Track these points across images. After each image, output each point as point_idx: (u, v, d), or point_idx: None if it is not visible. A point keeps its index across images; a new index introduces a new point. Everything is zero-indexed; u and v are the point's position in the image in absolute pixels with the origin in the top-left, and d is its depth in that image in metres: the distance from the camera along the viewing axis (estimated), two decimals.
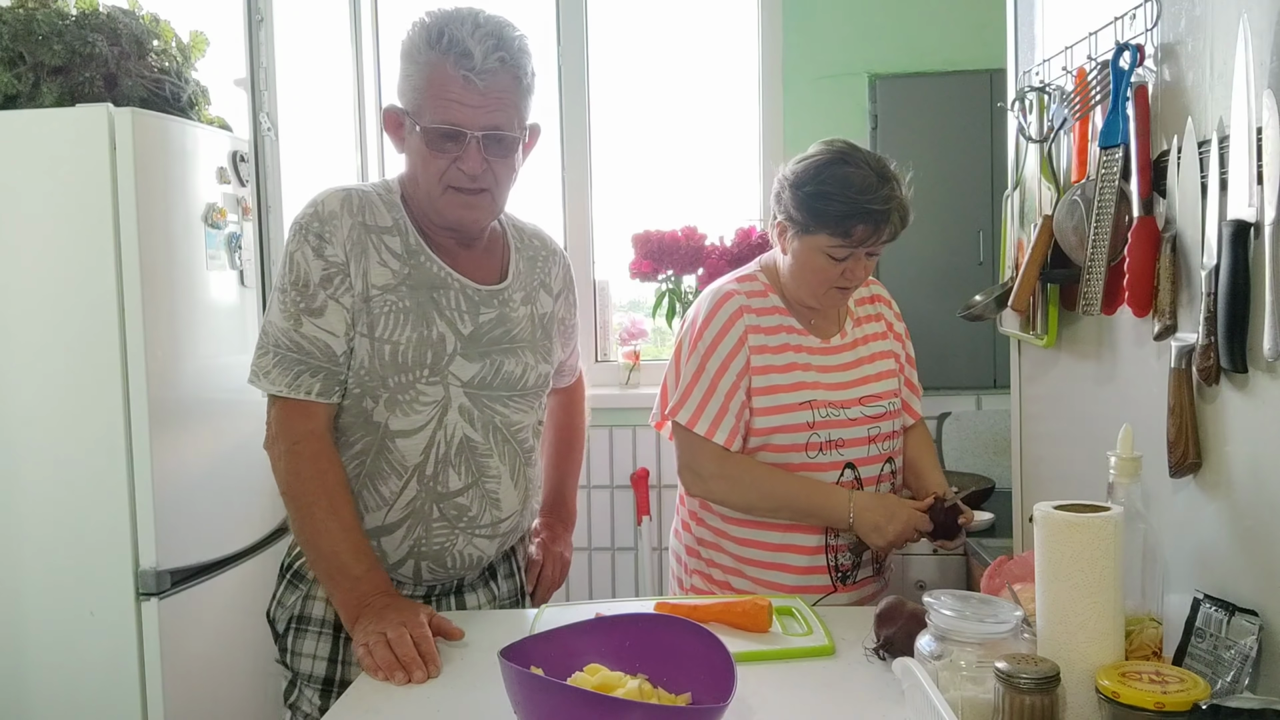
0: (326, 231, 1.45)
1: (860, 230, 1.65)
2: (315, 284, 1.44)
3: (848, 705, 1.21)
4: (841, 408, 1.75)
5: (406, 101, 1.46)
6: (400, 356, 1.46)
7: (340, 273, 1.44)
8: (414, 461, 1.48)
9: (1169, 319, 1.24)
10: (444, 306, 1.50)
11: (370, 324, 1.45)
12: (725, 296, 1.76)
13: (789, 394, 1.73)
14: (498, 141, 1.43)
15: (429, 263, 1.50)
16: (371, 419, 1.47)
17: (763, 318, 1.76)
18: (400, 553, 1.52)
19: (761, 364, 1.73)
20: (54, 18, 2.32)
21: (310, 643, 1.52)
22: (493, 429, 1.53)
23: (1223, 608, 1.11)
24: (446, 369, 1.48)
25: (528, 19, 3.05)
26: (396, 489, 1.49)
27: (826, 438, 1.73)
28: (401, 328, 1.46)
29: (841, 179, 1.65)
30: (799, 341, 1.77)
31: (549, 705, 1.07)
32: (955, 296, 2.12)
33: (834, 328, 1.82)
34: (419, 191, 1.49)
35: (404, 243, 1.49)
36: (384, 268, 1.47)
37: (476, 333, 1.52)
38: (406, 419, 1.47)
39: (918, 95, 2.86)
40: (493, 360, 1.53)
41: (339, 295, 1.44)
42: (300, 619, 1.53)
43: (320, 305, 1.44)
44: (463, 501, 1.51)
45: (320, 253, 1.44)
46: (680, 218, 2.85)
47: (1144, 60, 1.34)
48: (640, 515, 2.89)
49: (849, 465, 1.75)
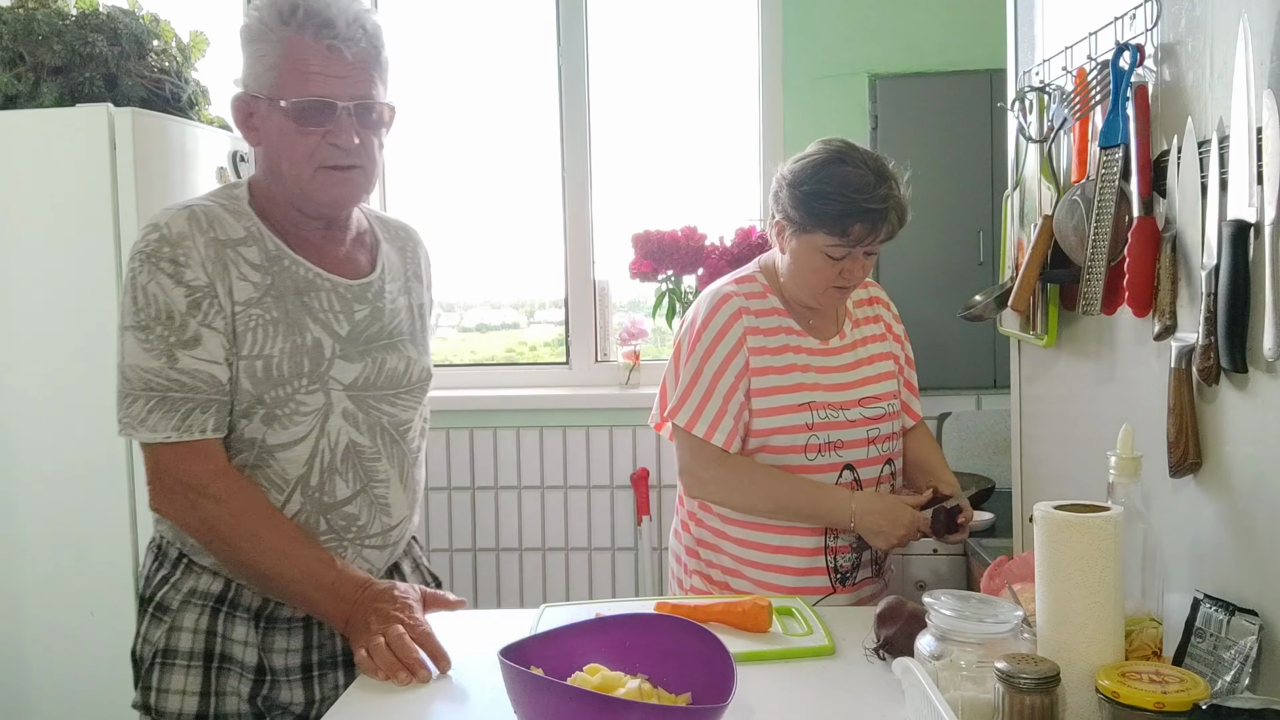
0: (180, 255, 1.32)
1: (857, 229, 1.65)
2: (183, 313, 1.32)
3: (848, 705, 1.21)
4: (841, 409, 1.75)
5: (260, 85, 1.36)
6: (275, 370, 1.36)
7: (207, 295, 1.33)
8: (296, 474, 1.39)
9: (1169, 319, 1.24)
10: (316, 309, 1.41)
11: (235, 344, 1.35)
12: (724, 298, 1.75)
13: (788, 395, 1.73)
14: (368, 112, 1.37)
15: (294, 266, 1.41)
16: (245, 436, 1.37)
17: (761, 319, 1.76)
18: None
19: (761, 365, 1.73)
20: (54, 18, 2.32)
21: (179, 678, 1.39)
22: (380, 431, 1.45)
23: (1223, 608, 1.11)
24: (327, 375, 1.40)
25: (528, 19, 3.06)
26: (278, 504, 1.39)
27: (825, 439, 1.73)
28: (272, 340, 1.37)
29: (839, 178, 1.65)
30: (798, 343, 1.77)
31: (549, 705, 1.07)
32: (955, 296, 2.12)
33: (833, 329, 1.82)
34: (284, 181, 1.38)
35: (261, 251, 1.39)
36: (245, 282, 1.36)
37: (354, 332, 1.44)
38: (285, 432, 1.37)
39: (918, 95, 2.86)
40: (374, 359, 1.45)
41: (211, 320, 1.33)
42: (167, 652, 1.40)
43: (194, 335, 1.32)
44: (351, 510, 1.43)
45: (179, 279, 1.32)
46: (680, 218, 2.85)
47: (1144, 60, 1.34)
48: (640, 515, 2.89)
49: (848, 466, 1.75)
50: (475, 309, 3.33)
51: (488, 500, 2.95)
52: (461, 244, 3.18)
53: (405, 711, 1.24)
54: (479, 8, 3.14)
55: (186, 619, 1.40)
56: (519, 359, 3.25)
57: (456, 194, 3.16)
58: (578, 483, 2.93)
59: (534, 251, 3.15)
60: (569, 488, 2.93)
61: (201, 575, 1.42)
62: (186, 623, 1.40)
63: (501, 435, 2.93)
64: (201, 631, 1.40)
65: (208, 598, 1.41)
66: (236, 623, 1.41)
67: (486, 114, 3.13)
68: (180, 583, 1.42)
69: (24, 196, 2.24)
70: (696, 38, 3.08)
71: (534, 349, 3.27)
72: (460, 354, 3.26)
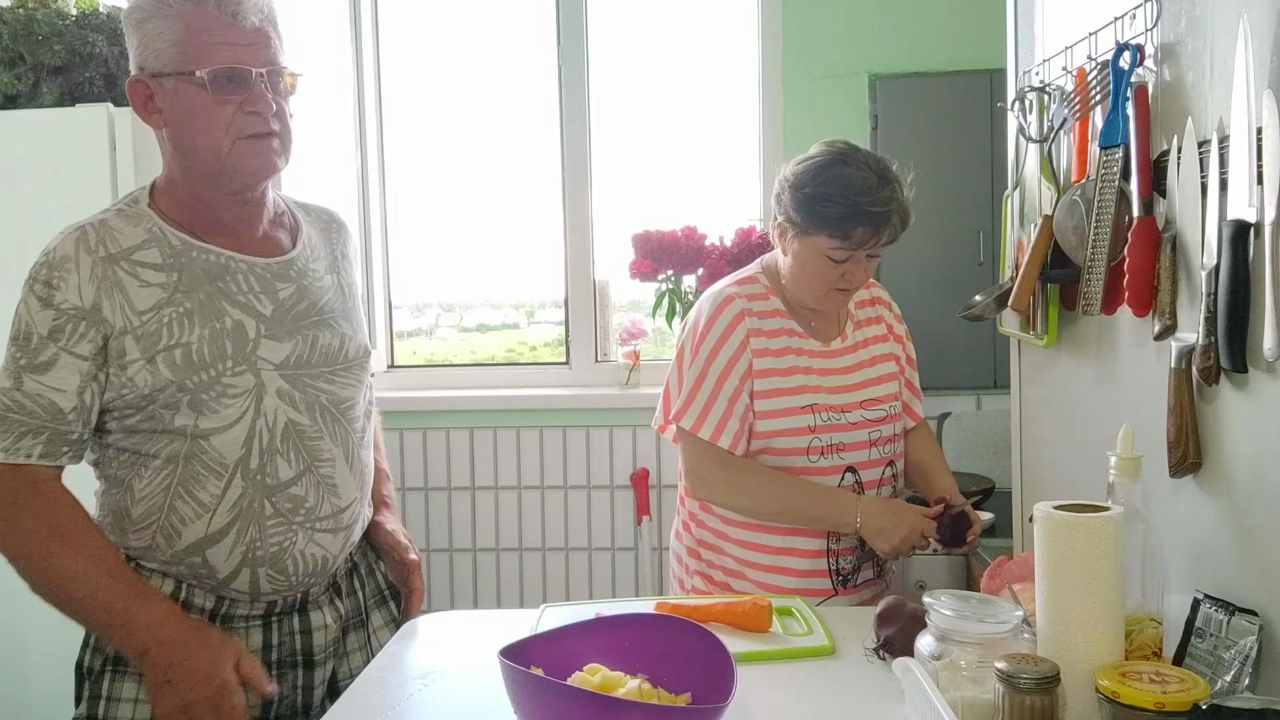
0: (56, 278, 1.31)
1: (859, 232, 1.65)
2: (42, 336, 1.31)
3: (848, 705, 1.21)
4: (842, 411, 1.75)
5: (162, 63, 1.33)
6: (195, 356, 1.34)
7: (75, 319, 1.31)
8: (234, 457, 1.36)
9: (1169, 319, 1.24)
10: (233, 293, 1.39)
11: (147, 345, 1.33)
12: (727, 300, 1.75)
13: (791, 397, 1.73)
14: (279, 78, 1.37)
15: (202, 255, 1.39)
16: (173, 425, 1.34)
17: (764, 320, 1.75)
18: (232, 563, 1.37)
19: (764, 367, 1.73)
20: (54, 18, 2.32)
21: (131, 686, 1.35)
22: (319, 409, 1.43)
23: (1223, 608, 1.11)
24: (254, 355, 1.38)
25: (528, 19, 3.06)
26: (218, 491, 1.36)
27: (828, 441, 1.73)
28: (188, 329, 1.35)
29: (841, 180, 1.65)
30: (800, 344, 1.77)
31: (549, 705, 1.07)
32: (955, 296, 2.12)
33: (835, 330, 1.82)
34: (199, 159, 1.36)
35: (163, 250, 1.37)
36: (148, 288, 1.35)
37: (279, 311, 1.42)
38: (216, 415, 1.35)
39: (918, 95, 2.86)
40: (305, 336, 1.43)
41: (73, 345, 1.31)
42: (119, 659, 1.36)
43: (47, 360, 1.31)
44: (297, 492, 1.40)
45: (49, 302, 1.31)
46: (680, 218, 2.85)
47: (1144, 60, 1.34)
48: (640, 515, 2.89)
49: (850, 469, 1.75)
50: (475, 309, 3.33)
51: (488, 500, 2.95)
52: (461, 244, 3.18)
53: (406, 712, 1.24)
54: (479, 8, 3.13)
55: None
56: (519, 359, 3.25)
57: (456, 194, 3.16)
58: (578, 483, 2.93)
59: (534, 251, 3.15)
60: (569, 488, 2.93)
61: (150, 578, 1.37)
62: None
63: (501, 435, 2.93)
64: None
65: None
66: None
67: (487, 114, 3.13)
68: None
69: (24, 196, 2.23)
70: (696, 38, 3.08)
71: (534, 349, 3.27)
72: (460, 354, 3.26)
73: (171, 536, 1.36)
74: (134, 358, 1.33)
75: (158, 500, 1.36)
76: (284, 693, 1.43)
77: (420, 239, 3.18)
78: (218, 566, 1.37)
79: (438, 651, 1.44)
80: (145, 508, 1.36)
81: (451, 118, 3.14)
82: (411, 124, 3.14)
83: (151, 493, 1.36)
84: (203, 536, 1.36)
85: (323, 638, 1.46)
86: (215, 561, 1.37)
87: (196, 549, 1.36)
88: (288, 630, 1.44)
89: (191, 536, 1.36)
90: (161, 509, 1.36)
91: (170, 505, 1.36)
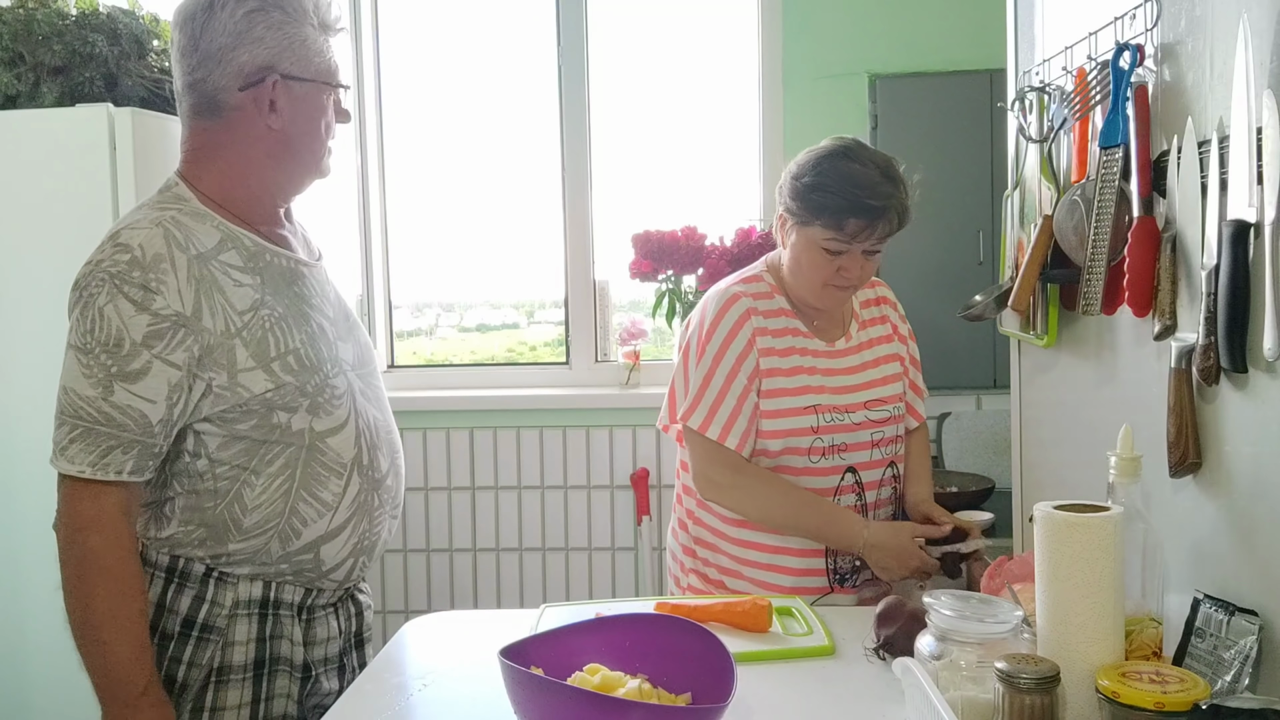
0: (153, 280, 1.24)
1: (853, 224, 1.64)
2: (135, 343, 1.24)
3: (848, 705, 1.21)
4: (846, 412, 1.74)
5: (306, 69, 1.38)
6: (306, 360, 1.36)
7: (176, 326, 1.25)
8: (350, 455, 1.40)
9: (1169, 319, 1.24)
10: (306, 296, 1.42)
11: (258, 351, 1.31)
12: (732, 299, 1.74)
13: (794, 398, 1.72)
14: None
15: (274, 259, 1.39)
16: (291, 429, 1.34)
17: (770, 320, 1.75)
18: (341, 556, 1.42)
19: (769, 367, 1.72)
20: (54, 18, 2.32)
21: (234, 693, 1.36)
22: (383, 405, 1.51)
23: (1223, 608, 1.11)
24: (339, 357, 1.43)
25: (528, 19, 3.06)
26: (339, 490, 1.39)
27: (830, 442, 1.73)
28: (289, 335, 1.35)
29: (840, 172, 1.65)
30: (804, 344, 1.76)
31: (549, 705, 1.07)
32: (955, 296, 2.12)
33: (839, 330, 1.82)
34: (305, 162, 1.42)
35: (240, 252, 1.35)
36: (241, 288, 1.32)
37: (335, 314, 1.47)
38: (330, 417, 1.38)
39: (918, 95, 2.86)
40: (356, 339, 1.50)
41: (168, 353, 1.25)
42: (221, 670, 1.36)
43: (140, 368, 1.23)
44: (391, 483, 1.49)
45: (145, 306, 1.24)
46: (680, 218, 2.85)
47: (1144, 60, 1.34)
48: (640, 515, 2.89)
49: (850, 469, 1.75)
50: (475, 309, 3.33)
51: (488, 500, 2.95)
52: (461, 244, 3.18)
53: (406, 712, 1.24)
54: (479, 8, 3.13)
55: (239, 632, 1.36)
56: (519, 359, 3.25)
57: (456, 194, 3.16)
58: (578, 483, 2.93)
59: (534, 251, 3.15)
60: (569, 488, 2.93)
61: (239, 584, 1.36)
62: (239, 635, 1.36)
63: (501, 435, 2.93)
64: (253, 640, 1.37)
65: (251, 605, 1.37)
66: (283, 622, 1.40)
67: (487, 114, 3.13)
68: (219, 597, 1.35)
69: (24, 196, 2.24)
70: (696, 38, 3.08)
71: (534, 349, 3.27)
72: (460, 354, 3.26)
73: (289, 538, 1.37)
74: (247, 365, 1.30)
75: (277, 506, 1.36)
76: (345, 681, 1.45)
77: (420, 239, 3.18)
78: (326, 560, 1.41)
79: (438, 651, 1.44)
80: (262, 515, 1.35)
81: (451, 118, 3.14)
82: (411, 124, 3.14)
83: (269, 499, 1.35)
84: (322, 534, 1.39)
85: (368, 616, 1.54)
86: (326, 556, 1.41)
87: (312, 547, 1.39)
88: (348, 614, 1.50)
89: (310, 536, 1.39)
90: (282, 514, 1.36)
91: (292, 508, 1.37)
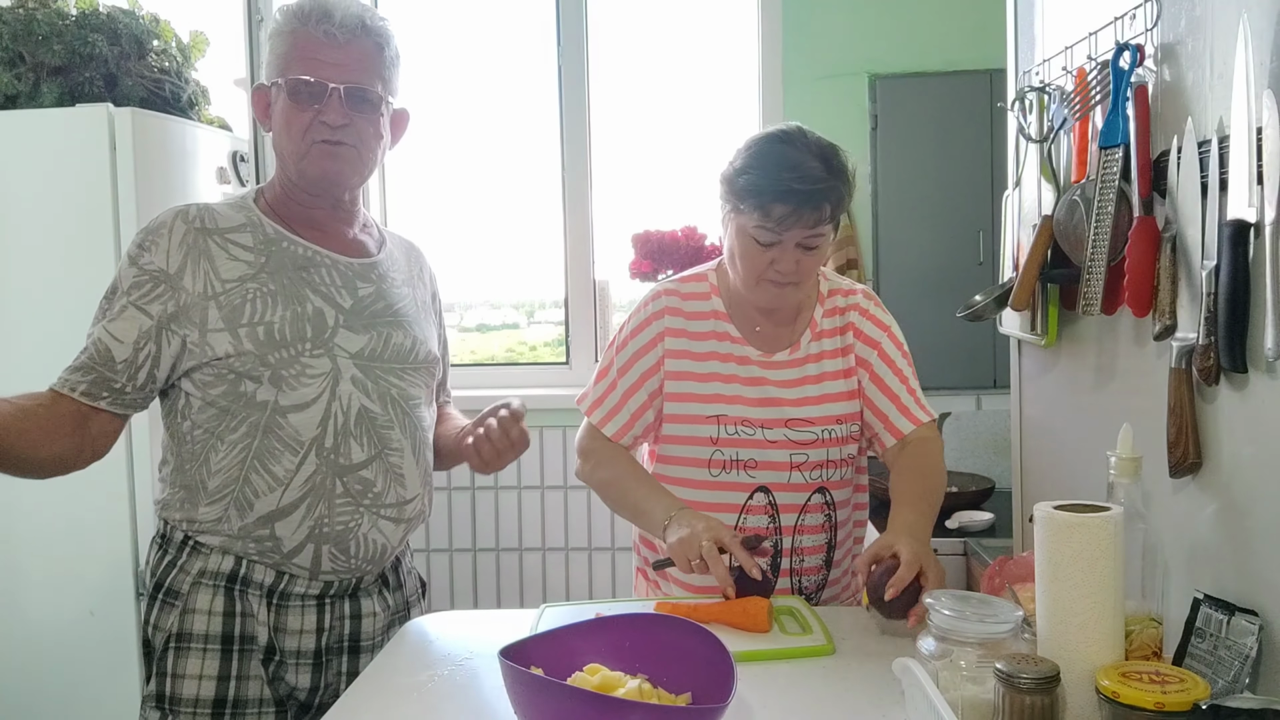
0: (148, 242, 1.44)
1: (778, 210, 1.52)
2: (122, 291, 1.42)
3: (848, 705, 1.21)
4: (761, 427, 1.62)
5: (270, 73, 1.48)
6: (277, 334, 1.42)
7: (155, 280, 1.41)
8: (310, 435, 1.42)
9: (1169, 319, 1.24)
10: (317, 283, 1.48)
11: (230, 315, 1.41)
12: (654, 296, 1.72)
13: (700, 405, 1.65)
14: (360, 97, 1.46)
15: (292, 246, 1.49)
16: (255, 399, 1.41)
17: (693, 322, 1.68)
18: (299, 537, 1.43)
19: (679, 369, 1.66)
20: (54, 18, 2.32)
21: (195, 662, 1.41)
22: (390, 400, 1.50)
23: (1223, 608, 1.11)
24: (331, 341, 1.46)
25: (528, 19, 3.06)
26: (292, 466, 1.42)
27: (733, 456, 1.63)
28: (272, 309, 1.43)
29: (771, 156, 1.55)
30: (730, 350, 1.67)
31: (549, 705, 1.07)
32: (955, 296, 2.12)
33: (787, 340, 1.68)
34: (285, 160, 1.49)
35: (256, 236, 1.48)
36: (235, 261, 1.44)
37: (358, 306, 1.51)
38: (295, 393, 1.42)
39: (918, 95, 2.86)
40: (379, 332, 1.51)
41: (143, 302, 1.41)
42: (180, 636, 1.42)
43: (117, 311, 1.41)
44: (367, 475, 1.46)
45: (135, 260, 1.43)
46: (680, 218, 2.85)
47: (1144, 60, 1.34)
48: None
49: (762, 489, 1.63)
50: (475, 309, 3.33)
51: (488, 500, 2.95)
52: (461, 244, 3.18)
53: (406, 712, 1.24)
54: (479, 8, 3.13)
55: (199, 600, 1.42)
56: (519, 359, 3.25)
57: (457, 194, 3.16)
58: (578, 483, 2.92)
59: (534, 251, 3.15)
60: (569, 488, 2.93)
61: (210, 555, 1.43)
62: (199, 604, 1.42)
63: None
64: (218, 614, 1.42)
65: (218, 577, 1.43)
66: (250, 600, 1.43)
67: (487, 114, 3.13)
68: (188, 565, 1.43)
69: (24, 196, 2.24)
70: (696, 38, 3.09)
71: (534, 349, 3.27)
72: (460, 354, 3.26)
73: (244, 508, 1.42)
74: (216, 326, 1.41)
75: (233, 473, 1.42)
76: (328, 680, 1.48)
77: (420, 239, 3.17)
78: (284, 539, 1.43)
79: (438, 651, 1.44)
80: (221, 479, 1.42)
81: (451, 118, 3.14)
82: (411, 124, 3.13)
83: (228, 465, 1.42)
84: (274, 509, 1.42)
85: (371, 625, 1.52)
86: (282, 534, 1.43)
87: (266, 521, 1.42)
88: (339, 614, 1.49)
89: (263, 509, 1.42)
90: (236, 480, 1.42)
91: (245, 478, 1.42)
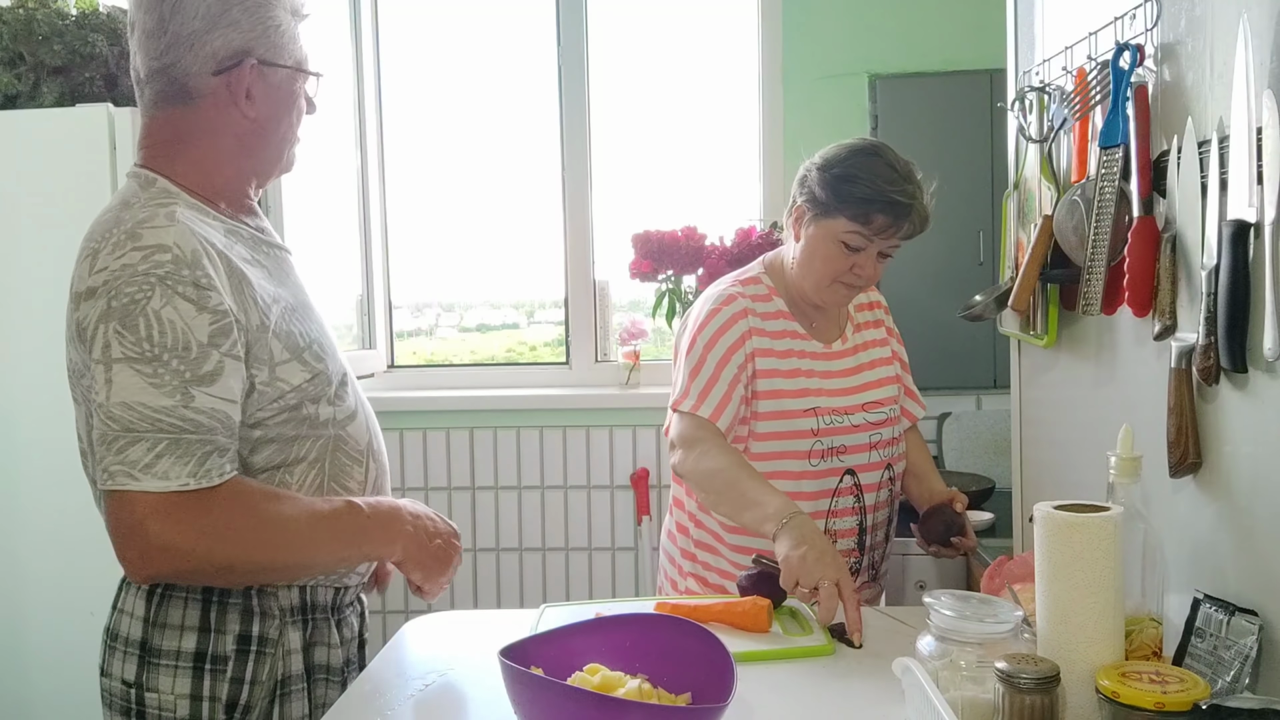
0: (203, 278, 1.17)
1: (879, 219, 1.64)
2: (202, 344, 1.16)
3: (848, 705, 1.21)
4: (845, 414, 1.74)
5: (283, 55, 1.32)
6: (325, 348, 1.33)
7: (232, 323, 1.19)
8: (365, 441, 1.38)
9: (1169, 319, 1.24)
10: (299, 284, 1.38)
11: (288, 341, 1.27)
12: (728, 299, 1.74)
13: (794, 400, 1.72)
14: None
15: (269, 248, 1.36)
16: (319, 420, 1.30)
17: (767, 321, 1.74)
18: None
19: (767, 367, 1.72)
20: (54, 18, 2.32)
21: (297, 704, 1.31)
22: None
23: (1223, 608, 1.11)
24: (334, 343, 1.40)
25: (528, 19, 3.06)
26: (361, 477, 1.38)
27: (829, 445, 1.72)
28: (306, 324, 1.31)
29: (871, 166, 1.65)
30: (803, 347, 1.76)
31: (549, 705, 1.07)
32: (955, 296, 2.12)
33: (835, 332, 1.82)
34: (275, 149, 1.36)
35: (245, 244, 1.30)
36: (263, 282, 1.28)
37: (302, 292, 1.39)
38: (344, 405, 1.35)
39: (918, 95, 2.86)
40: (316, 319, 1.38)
41: (234, 350, 1.19)
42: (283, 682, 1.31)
43: (214, 369, 1.17)
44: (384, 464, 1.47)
45: (204, 305, 1.16)
46: (680, 218, 2.85)
47: (1144, 60, 1.34)
48: (640, 515, 2.89)
49: (849, 471, 1.74)
50: (475, 309, 3.33)
51: (488, 500, 2.95)
52: (461, 244, 3.18)
53: (406, 711, 1.24)
54: (479, 8, 3.13)
55: (291, 640, 1.31)
56: (519, 359, 3.25)
57: (456, 194, 3.16)
58: (578, 483, 2.93)
59: (534, 251, 3.15)
60: (569, 488, 2.93)
61: (279, 592, 1.30)
62: (293, 644, 1.31)
63: (501, 435, 2.93)
64: (301, 649, 1.32)
65: (295, 612, 1.32)
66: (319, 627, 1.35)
67: (487, 114, 3.13)
68: (266, 608, 1.29)
69: (24, 196, 2.23)
70: (696, 38, 3.09)
71: (534, 349, 3.27)
72: (460, 354, 3.26)
73: None
74: (282, 358, 1.25)
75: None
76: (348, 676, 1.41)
77: (420, 239, 3.18)
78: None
79: (438, 651, 1.44)
80: None
81: (451, 117, 3.14)
82: (411, 124, 3.14)
83: (305, 493, 1.30)
84: None
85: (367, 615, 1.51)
86: None
87: None
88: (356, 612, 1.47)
89: None
90: None
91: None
